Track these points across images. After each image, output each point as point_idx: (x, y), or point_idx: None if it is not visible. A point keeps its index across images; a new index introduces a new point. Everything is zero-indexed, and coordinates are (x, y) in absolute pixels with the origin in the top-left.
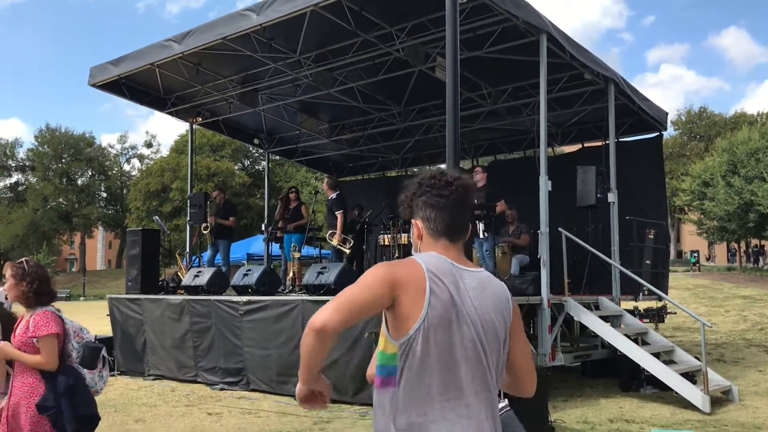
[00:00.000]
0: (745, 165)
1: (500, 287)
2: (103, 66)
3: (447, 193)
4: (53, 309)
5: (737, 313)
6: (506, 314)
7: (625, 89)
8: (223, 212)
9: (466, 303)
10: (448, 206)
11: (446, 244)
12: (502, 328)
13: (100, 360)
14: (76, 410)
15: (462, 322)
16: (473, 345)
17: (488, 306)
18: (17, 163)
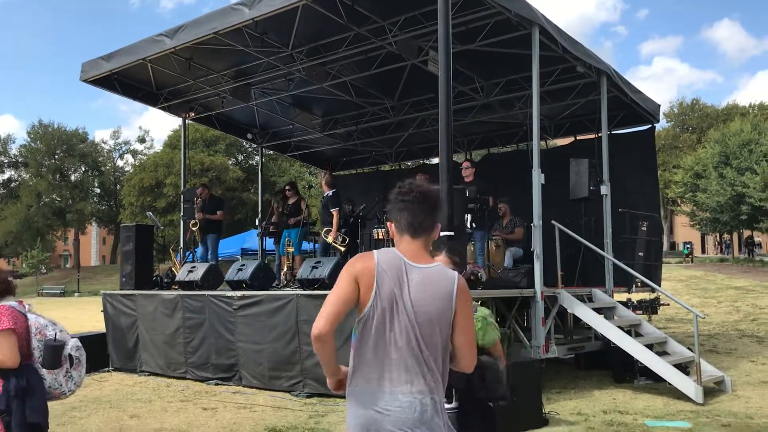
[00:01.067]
0: (737, 156)
1: (446, 280)
2: (94, 61)
3: (408, 198)
4: (11, 303)
5: (730, 304)
6: (449, 304)
7: (618, 82)
8: (210, 207)
9: (404, 294)
10: (408, 208)
11: (408, 240)
12: (443, 316)
13: (66, 359)
14: (25, 416)
15: (398, 311)
16: (406, 332)
17: (428, 298)
18: (10, 160)
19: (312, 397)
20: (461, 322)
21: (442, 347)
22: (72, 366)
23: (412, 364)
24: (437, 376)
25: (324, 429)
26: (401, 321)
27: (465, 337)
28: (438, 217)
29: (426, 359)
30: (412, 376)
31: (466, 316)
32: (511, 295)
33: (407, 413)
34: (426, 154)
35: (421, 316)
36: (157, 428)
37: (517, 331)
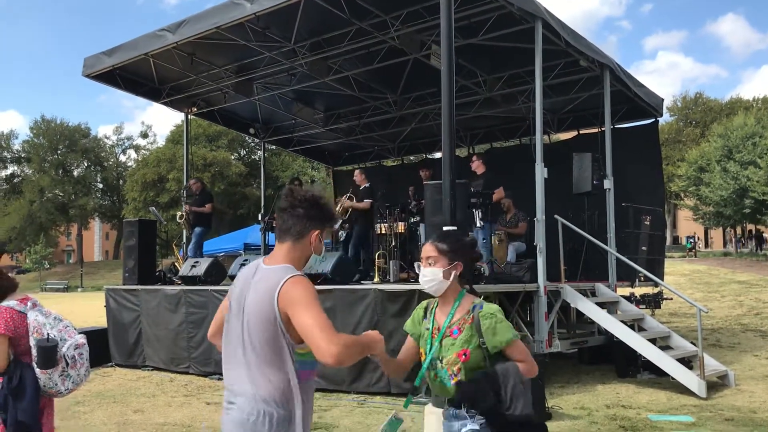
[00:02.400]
0: (741, 150)
1: (273, 279)
2: (97, 56)
3: (280, 205)
4: (11, 304)
5: (733, 299)
6: (272, 301)
7: (621, 76)
8: (199, 200)
9: (247, 293)
10: (279, 214)
11: (276, 244)
12: (269, 311)
13: (62, 359)
14: (16, 415)
15: (239, 311)
16: (245, 328)
17: (260, 295)
18: (13, 155)
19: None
20: (297, 315)
21: (271, 342)
22: (69, 365)
23: (238, 364)
24: (255, 372)
25: (327, 424)
26: (239, 321)
27: (303, 330)
28: (306, 221)
29: (250, 357)
30: (239, 377)
31: (298, 309)
32: (514, 290)
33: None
34: (428, 148)
35: (251, 315)
36: (161, 423)
37: (520, 325)
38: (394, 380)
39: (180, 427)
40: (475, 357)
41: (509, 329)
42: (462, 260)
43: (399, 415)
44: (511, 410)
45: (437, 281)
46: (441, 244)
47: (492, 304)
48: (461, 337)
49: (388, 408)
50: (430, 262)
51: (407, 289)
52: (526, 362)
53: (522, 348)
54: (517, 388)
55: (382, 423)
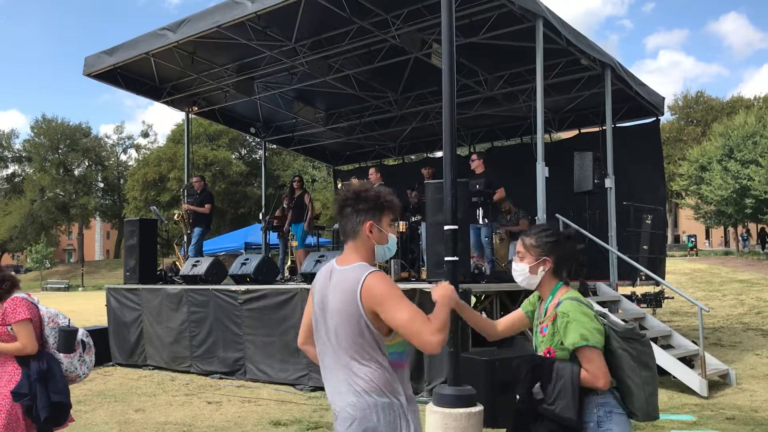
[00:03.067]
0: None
1: (352, 279)
2: (97, 56)
3: (335, 210)
4: (23, 295)
5: (734, 298)
6: (355, 300)
7: (622, 74)
8: (200, 200)
9: (327, 296)
10: (337, 217)
11: (345, 246)
12: (353, 310)
13: (79, 344)
14: (50, 397)
15: (323, 315)
16: (332, 329)
17: (342, 296)
18: (14, 154)
19: (316, 391)
20: (386, 310)
21: (357, 340)
22: (84, 351)
23: (334, 364)
24: (350, 371)
25: (328, 423)
26: (326, 322)
27: (396, 323)
28: (355, 216)
29: (342, 357)
30: (335, 374)
31: (385, 304)
32: (515, 289)
33: None
34: (429, 147)
35: (332, 314)
36: (162, 422)
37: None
38: None
39: (181, 426)
40: (560, 356)
41: (577, 332)
42: (553, 256)
43: None
44: (552, 406)
45: (525, 276)
46: (528, 240)
47: (570, 302)
48: (548, 335)
49: None
50: (520, 257)
51: (408, 288)
52: (589, 372)
53: (590, 357)
54: (567, 390)
55: None
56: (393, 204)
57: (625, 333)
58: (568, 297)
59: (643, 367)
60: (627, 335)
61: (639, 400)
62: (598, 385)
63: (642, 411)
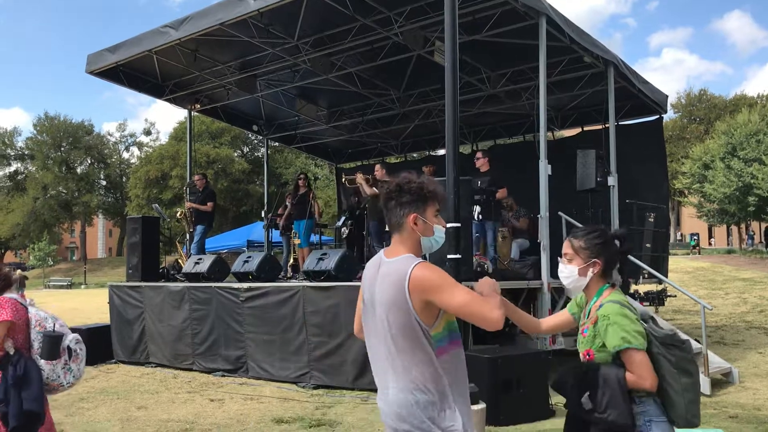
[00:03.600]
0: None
1: (400, 270)
2: (100, 53)
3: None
4: (13, 296)
5: (737, 296)
6: (403, 292)
7: (625, 72)
8: (202, 198)
9: (375, 288)
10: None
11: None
12: (402, 303)
13: (65, 351)
14: (22, 404)
15: (372, 306)
16: (379, 321)
17: (390, 287)
18: (16, 152)
19: (318, 389)
20: (440, 297)
21: (407, 331)
22: (71, 358)
23: (384, 355)
24: (399, 364)
25: (331, 420)
26: (375, 314)
27: (453, 307)
28: (399, 209)
29: (394, 348)
30: (385, 367)
31: (439, 291)
32: (518, 287)
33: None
34: (432, 145)
35: (382, 305)
36: (164, 419)
37: None
38: None
39: (183, 424)
40: (600, 358)
41: (617, 335)
42: (603, 257)
43: None
44: (604, 415)
45: (573, 279)
46: (577, 242)
47: (612, 304)
48: (587, 337)
49: None
50: (567, 258)
51: None
52: (634, 374)
53: (635, 359)
54: (616, 397)
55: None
56: (437, 194)
57: (665, 339)
58: (611, 300)
59: (683, 374)
60: (667, 341)
61: (678, 407)
62: (646, 386)
63: (681, 418)
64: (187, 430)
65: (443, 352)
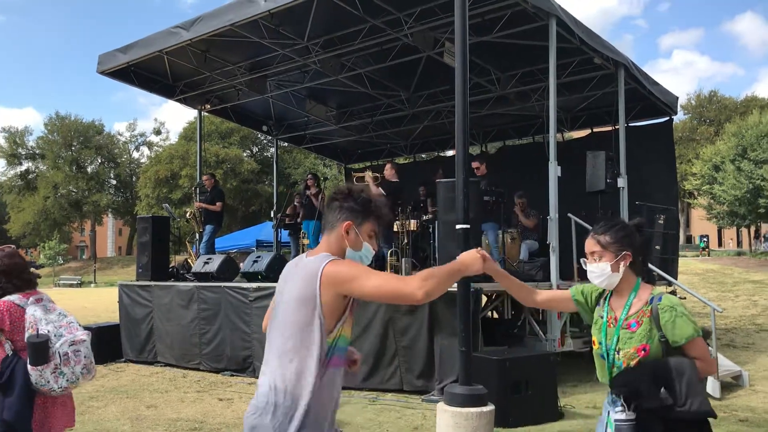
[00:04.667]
0: (755, 149)
1: (314, 266)
2: (111, 53)
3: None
4: (13, 299)
5: (747, 298)
6: (314, 285)
7: (635, 74)
8: (210, 197)
9: (287, 285)
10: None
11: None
12: (308, 297)
13: (55, 355)
14: (2, 412)
15: (279, 301)
16: (281, 315)
17: (300, 282)
18: (27, 152)
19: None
20: (355, 282)
21: (306, 326)
22: (62, 362)
23: (276, 352)
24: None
25: (339, 420)
26: (278, 310)
27: (365, 289)
28: (338, 212)
29: (286, 344)
30: (274, 363)
31: (352, 278)
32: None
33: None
34: (441, 146)
35: (289, 301)
36: (173, 418)
37: (533, 324)
38: (407, 377)
39: (193, 423)
40: (654, 352)
41: (690, 324)
42: (631, 249)
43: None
44: (686, 407)
45: (606, 276)
46: (603, 237)
47: (671, 296)
48: (640, 331)
49: (400, 405)
50: (595, 257)
51: None
52: (704, 361)
53: (702, 346)
54: (694, 385)
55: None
56: (381, 216)
57: None
58: (662, 293)
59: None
60: None
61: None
62: (713, 372)
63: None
64: (197, 429)
65: (333, 364)
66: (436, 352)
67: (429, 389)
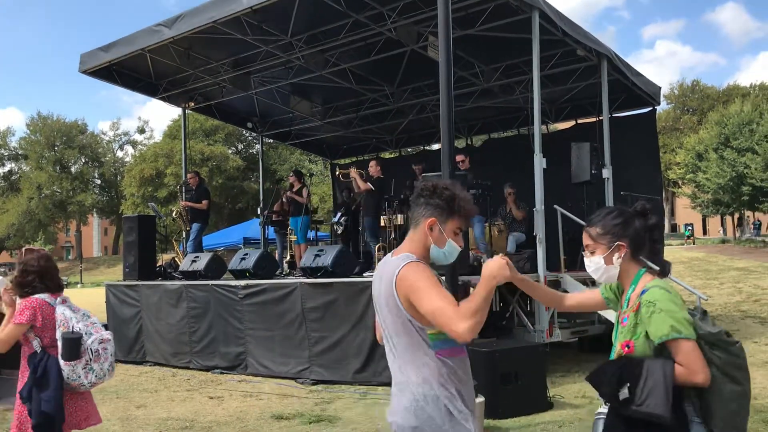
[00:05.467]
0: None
1: (393, 268)
2: (93, 52)
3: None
4: (44, 297)
5: (732, 285)
6: (392, 288)
7: (618, 65)
8: (196, 196)
9: (377, 288)
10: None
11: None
12: (393, 300)
13: (86, 352)
14: (40, 405)
15: (378, 303)
16: (382, 320)
17: (384, 285)
18: (10, 152)
19: (317, 384)
20: (417, 300)
21: (400, 328)
22: (92, 359)
23: (387, 352)
24: (396, 361)
25: (330, 416)
26: (378, 311)
27: (427, 313)
28: (423, 208)
29: (392, 344)
30: (390, 363)
31: (417, 292)
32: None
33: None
34: (426, 140)
35: (380, 303)
36: (164, 418)
37: (521, 315)
38: None
39: (183, 422)
40: (640, 349)
41: (666, 323)
42: (627, 238)
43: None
44: (641, 406)
45: (601, 270)
46: (594, 229)
47: (657, 289)
48: (627, 327)
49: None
50: (590, 251)
51: None
52: (685, 366)
53: (685, 350)
54: (656, 387)
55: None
56: (466, 212)
57: (710, 337)
58: (656, 284)
59: (728, 380)
60: (712, 340)
61: (716, 416)
62: (697, 381)
63: (718, 429)
64: (187, 427)
65: (447, 354)
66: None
67: None
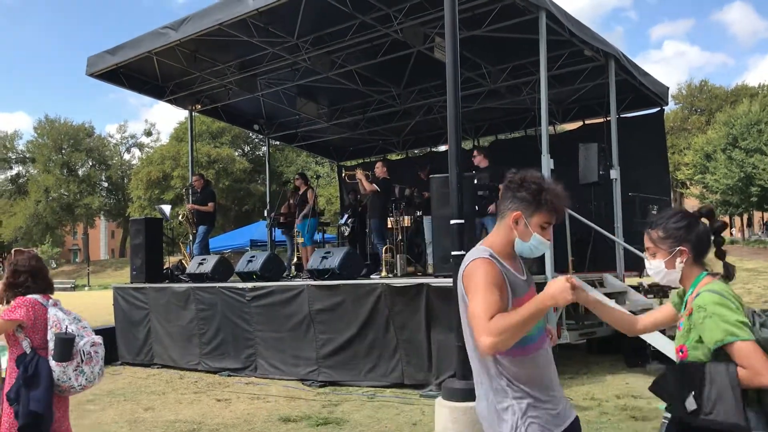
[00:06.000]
0: (745, 137)
1: (465, 261)
2: (100, 55)
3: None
4: (37, 297)
5: (741, 286)
6: (460, 281)
7: (626, 65)
8: (201, 198)
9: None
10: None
11: None
12: (460, 291)
13: (78, 353)
14: (28, 404)
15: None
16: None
17: (459, 276)
18: (17, 155)
19: (325, 387)
20: (470, 297)
21: (465, 323)
22: (84, 361)
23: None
24: (478, 362)
25: (337, 418)
26: None
27: (469, 314)
28: (509, 201)
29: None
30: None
31: (469, 291)
32: None
33: None
34: (434, 141)
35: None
36: (171, 420)
37: None
38: (408, 372)
39: (191, 424)
40: (694, 354)
41: (719, 327)
42: (689, 243)
43: None
44: (711, 416)
45: (663, 273)
46: (655, 232)
47: (708, 293)
48: (682, 331)
49: (398, 401)
50: (650, 254)
51: (415, 283)
52: (748, 368)
53: (745, 351)
54: (724, 392)
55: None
56: (554, 207)
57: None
58: (709, 288)
59: None
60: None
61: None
62: (763, 382)
63: None
64: (195, 430)
65: (517, 353)
66: (433, 348)
67: (427, 384)
